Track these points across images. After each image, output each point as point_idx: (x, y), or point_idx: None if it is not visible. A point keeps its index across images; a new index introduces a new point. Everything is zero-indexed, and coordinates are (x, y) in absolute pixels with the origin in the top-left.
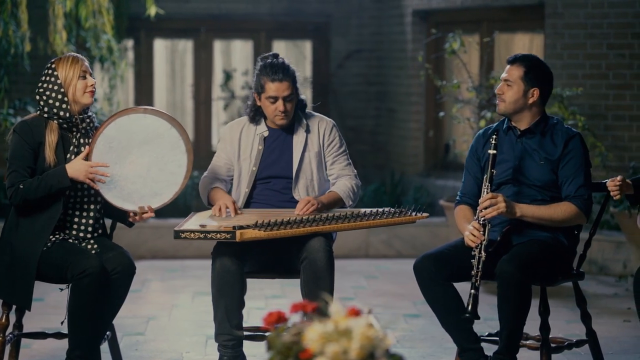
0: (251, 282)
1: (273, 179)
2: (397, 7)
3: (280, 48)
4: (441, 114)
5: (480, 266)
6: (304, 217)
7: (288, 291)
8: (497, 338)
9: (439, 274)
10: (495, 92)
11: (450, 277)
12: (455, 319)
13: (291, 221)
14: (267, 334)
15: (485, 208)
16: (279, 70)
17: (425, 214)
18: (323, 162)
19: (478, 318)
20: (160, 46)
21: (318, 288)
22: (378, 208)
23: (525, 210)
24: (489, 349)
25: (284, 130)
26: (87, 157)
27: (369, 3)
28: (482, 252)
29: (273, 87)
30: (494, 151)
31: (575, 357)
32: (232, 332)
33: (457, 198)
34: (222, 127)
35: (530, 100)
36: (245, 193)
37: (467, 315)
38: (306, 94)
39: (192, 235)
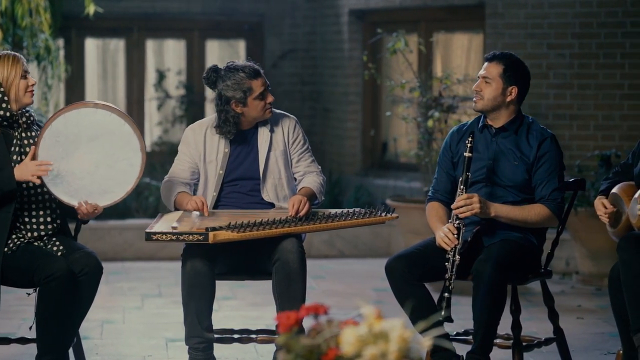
0: None
1: (240, 181)
2: (332, 6)
3: (214, 47)
4: (388, 113)
5: (454, 269)
6: (275, 218)
7: (238, 292)
8: (467, 337)
9: (411, 275)
10: (473, 89)
11: (422, 277)
12: (428, 319)
13: (264, 222)
14: (235, 336)
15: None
16: (253, 67)
17: (395, 215)
18: (289, 160)
19: (452, 321)
20: (91, 45)
21: (291, 289)
22: (348, 209)
23: (500, 210)
24: (459, 348)
25: (249, 130)
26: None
27: (302, 3)
28: (457, 255)
29: (259, 84)
30: (470, 154)
31: (537, 355)
32: (203, 334)
33: (429, 194)
34: (185, 129)
35: (509, 99)
36: (214, 197)
37: (441, 318)
38: None
39: (164, 237)
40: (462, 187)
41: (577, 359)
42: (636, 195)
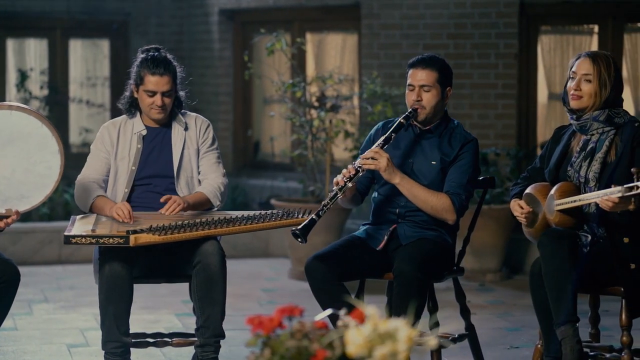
0: None
1: (154, 179)
2: (201, 6)
3: (77, 47)
4: (272, 114)
5: (333, 201)
6: (196, 220)
7: (135, 296)
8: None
9: (331, 274)
10: (413, 99)
11: (341, 276)
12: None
13: (185, 224)
14: (150, 340)
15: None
16: (161, 65)
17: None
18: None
19: (305, 241)
20: None
21: (212, 292)
22: (265, 211)
23: (406, 181)
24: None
25: (162, 128)
26: None
27: (169, 2)
28: (340, 192)
29: (153, 81)
30: (404, 120)
31: (447, 352)
32: (120, 339)
33: None
34: (100, 128)
35: (446, 100)
36: (125, 193)
37: (297, 231)
38: (104, 94)
39: (84, 240)
40: (381, 142)
41: (484, 355)
42: (552, 192)
